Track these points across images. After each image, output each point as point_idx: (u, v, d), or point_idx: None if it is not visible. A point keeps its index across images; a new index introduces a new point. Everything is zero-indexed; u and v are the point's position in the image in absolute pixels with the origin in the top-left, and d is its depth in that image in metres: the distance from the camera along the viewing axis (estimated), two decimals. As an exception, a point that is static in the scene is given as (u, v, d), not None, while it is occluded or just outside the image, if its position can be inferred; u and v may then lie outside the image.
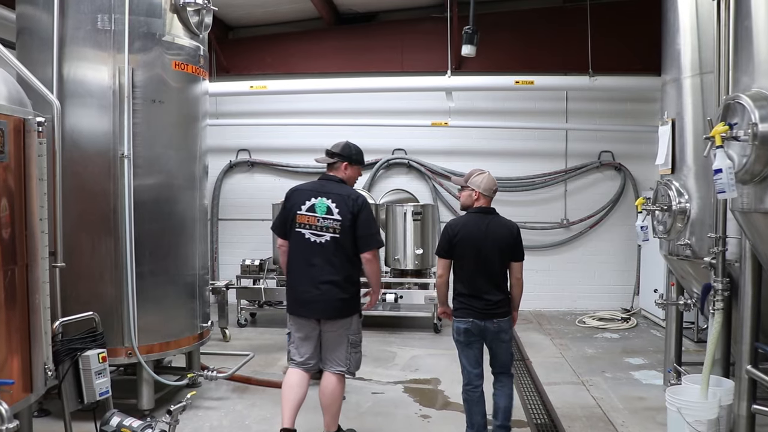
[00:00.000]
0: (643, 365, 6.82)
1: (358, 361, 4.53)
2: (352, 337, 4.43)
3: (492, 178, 4.51)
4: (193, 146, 5.31)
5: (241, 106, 10.08)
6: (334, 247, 4.29)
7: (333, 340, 4.40)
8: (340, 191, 4.38)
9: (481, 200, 4.46)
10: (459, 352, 4.52)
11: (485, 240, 4.35)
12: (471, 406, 4.47)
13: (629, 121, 9.70)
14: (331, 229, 4.29)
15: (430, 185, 9.96)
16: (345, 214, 4.27)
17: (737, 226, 4.66)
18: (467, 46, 7.62)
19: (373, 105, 9.82)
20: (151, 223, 4.89)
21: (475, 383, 4.45)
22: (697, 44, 5.19)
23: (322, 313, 4.34)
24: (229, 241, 10.36)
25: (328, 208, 4.30)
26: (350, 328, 4.41)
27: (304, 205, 4.38)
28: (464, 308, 4.38)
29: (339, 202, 4.31)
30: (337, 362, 4.40)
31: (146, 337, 4.86)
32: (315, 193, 4.39)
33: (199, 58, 5.24)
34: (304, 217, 4.36)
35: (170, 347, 5.08)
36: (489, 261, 4.35)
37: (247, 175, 10.35)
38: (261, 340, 7.82)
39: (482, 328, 4.34)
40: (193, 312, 5.37)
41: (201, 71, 5.30)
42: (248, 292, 8.50)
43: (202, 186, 5.46)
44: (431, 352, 7.35)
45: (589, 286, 9.82)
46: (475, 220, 4.44)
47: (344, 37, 9.86)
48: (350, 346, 4.42)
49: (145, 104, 4.79)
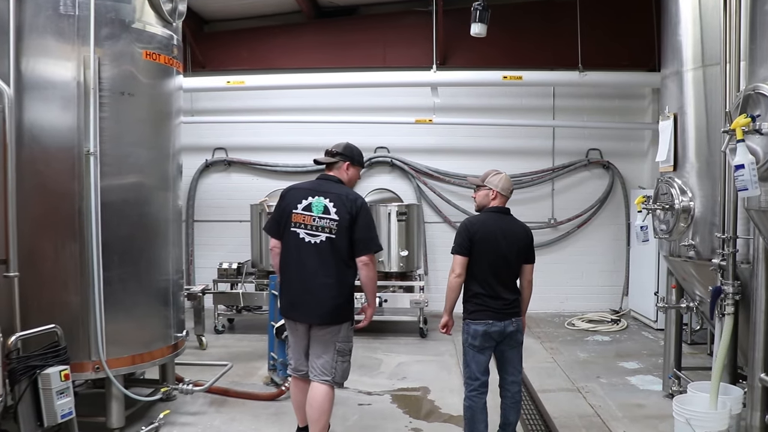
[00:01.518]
0: (638, 369, 6.58)
1: (345, 371, 4.28)
2: (340, 345, 4.20)
3: (509, 178, 4.45)
4: (166, 143, 4.94)
5: (217, 103, 9.69)
6: (329, 248, 4.11)
7: (320, 346, 4.19)
8: (339, 191, 4.21)
9: (498, 200, 4.38)
10: (468, 358, 4.29)
11: (505, 239, 4.26)
12: (475, 414, 4.25)
13: (617, 118, 9.50)
14: (327, 230, 4.11)
15: (413, 184, 9.65)
16: (343, 214, 4.10)
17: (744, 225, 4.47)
18: (478, 25, 7.21)
19: (354, 101, 9.49)
20: (120, 226, 4.52)
21: (481, 390, 4.27)
22: (700, 35, 4.96)
23: (312, 317, 4.16)
24: (205, 243, 9.95)
25: (325, 208, 4.12)
26: (338, 334, 4.19)
27: (300, 204, 4.20)
28: (482, 309, 4.23)
29: (337, 201, 4.13)
30: (323, 370, 4.18)
31: (115, 350, 4.49)
32: (312, 192, 4.21)
33: (173, 48, 4.87)
34: (299, 216, 4.18)
35: (142, 360, 4.71)
36: (508, 261, 4.27)
37: (223, 175, 9.95)
38: (239, 348, 7.46)
39: (501, 329, 4.22)
40: (167, 321, 5.00)
41: (174, 62, 4.94)
42: (226, 297, 8.12)
43: (175, 186, 5.09)
44: (418, 358, 7.05)
45: (577, 287, 9.59)
46: (494, 218, 4.34)
47: (324, 31, 9.52)
48: (337, 354, 4.19)
49: (113, 97, 4.42)
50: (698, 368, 6.11)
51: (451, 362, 6.88)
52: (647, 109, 9.42)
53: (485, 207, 4.43)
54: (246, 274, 8.39)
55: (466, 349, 4.31)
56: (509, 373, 4.39)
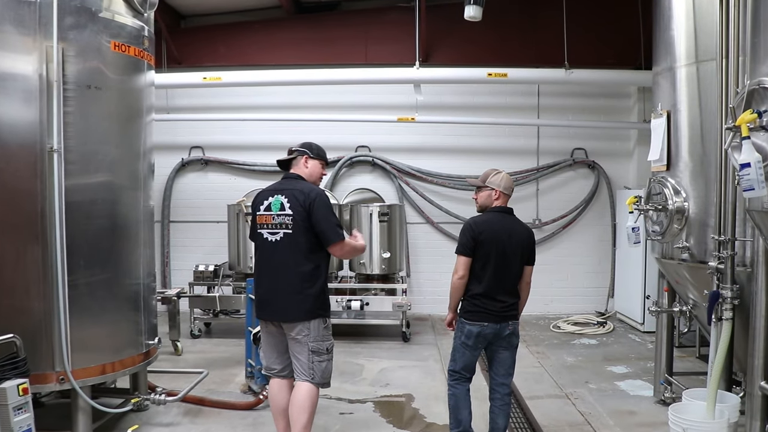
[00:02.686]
0: (627, 374, 6.42)
1: (324, 371, 4.13)
2: (313, 344, 4.06)
3: (509, 176, 4.40)
4: (136, 140, 4.68)
5: (193, 100, 9.40)
6: (288, 244, 4.06)
7: (295, 346, 4.10)
8: (295, 186, 4.14)
9: (500, 199, 4.33)
10: (458, 355, 4.29)
11: (509, 240, 4.18)
12: (459, 401, 4.27)
13: (602, 117, 9.37)
14: (283, 226, 4.07)
15: (395, 184, 9.44)
16: (296, 208, 4.04)
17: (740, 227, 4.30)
18: (473, 7, 6.80)
19: (335, 99, 9.27)
20: (86, 227, 4.25)
21: (466, 376, 4.31)
22: (693, 30, 4.80)
23: (278, 314, 4.10)
24: (181, 245, 9.66)
25: (281, 205, 4.09)
26: (309, 334, 4.05)
27: (262, 205, 4.19)
28: (479, 311, 4.17)
29: (290, 197, 4.09)
30: (301, 370, 4.09)
31: (82, 359, 4.22)
32: (273, 192, 4.18)
33: (143, 40, 4.60)
34: (262, 217, 4.16)
35: (111, 369, 4.43)
36: (511, 262, 4.20)
37: (200, 174, 9.66)
38: (216, 353, 7.19)
39: (497, 332, 4.18)
40: (138, 327, 4.74)
41: (145, 55, 4.67)
42: (202, 300, 7.84)
43: (147, 186, 4.83)
44: (401, 363, 6.83)
45: (563, 289, 9.44)
46: (498, 219, 4.26)
47: (305, 27, 9.26)
48: (312, 354, 4.06)
49: (78, 91, 4.14)
50: (689, 373, 5.97)
51: (436, 368, 6.67)
52: (633, 108, 9.30)
53: (487, 208, 4.34)
54: (223, 277, 8.11)
55: (457, 345, 4.28)
56: (499, 374, 4.33)
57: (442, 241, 9.41)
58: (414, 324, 8.44)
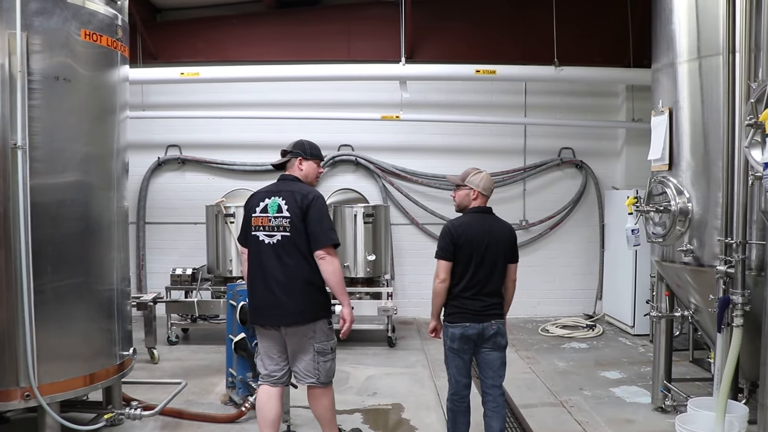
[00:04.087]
0: (621, 380, 6.23)
1: (330, 370, 4.12)
2: (318, 345, 4.03)
3: (490, 176, 4.31)
4: (109, 137, 4.38)
5: (170, 97, 9.06)
6: (286, 246, 3.98)
7: (297, 349, 4.05)
8: (293, 188, 4.07)
9: (479, 199, 4.24)
10: (448, 361, 4.21)
11: (489, 240, 4.10)
12: (457, 416, 4.20)
13: (590, 116, 9.20)
14: (281, 228, 3.99)
15: (379, 184, 9.19)
16: (293, 209, 3.97)
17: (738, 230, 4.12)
18: None
19: (317, 97, 8.99)
20: (54, 230, 3.95)
21: (462, 393, 4.18)
22: (696, 25, 4.61)
23: (278, 319, 4.01)
24: (158, 247, 9.31)
25: (278, 207, 4.01)
26: (315, 336, 4.01)
27: (258, 207, 4.10)
28: (460, 312, 4.10)
29: (288, 198, 4.02)
30: (306, 373, 4.06)
31: (50, 373, 3.92)
32: (269, 194, 4.10)
33: (117, 30, 4.30)
34: (258, 219, 4.07)
35: (82, 384, 4.13)
36: (493, 262, 4.11)
37: (177, 174, 9.32)
38: (195, 361, 6.88)
39: (480, 331, 4.08)
40: (111, 336, 4.44)
41: (119, 46, 4.37)
42: (179, 305, 7.51)
43: (120, 185, 4.53)
44: (388, 370, 6.58)
45: (550, 291, 9.26)
46: (477, 220, 4.17)
47: (286, 22, 8.95)
48: (317, 355, 4.03)
49: (45, 83, 3.83)
50: (686, 379, 5.81)
51: (424, 374, 6.43)
52: (621, 107, 9.13)
53: (466, 207, 4.27)
54: (201, 281, 7.79)
55: (446, 352, 4.22)
56: (488, 377, 4.22)
57: (427, 243, 9.17)
58: (399, 328, 8.19)
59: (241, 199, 8.35)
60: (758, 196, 3.94)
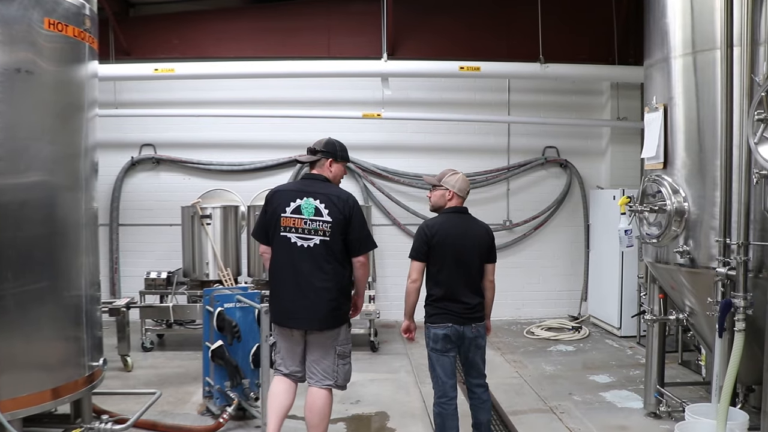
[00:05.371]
0: (611, 384, 6.08)
1: (347, 373, 4.20)
2: (340, 348, 4.10)
3: (466, 178, 4.34)
4: (76, 136, 4.09)
5: (144, 95, 8.77)
6: (324, 251, 3.97)
7: (319, 351, 4.07)
8: (328, 191, 4.05)
9: (454, 200, 4.25)
10: (433, 362, 4.19)
11: (465, 241, 4.13)
12: (446, 420, 4.13)
13: (574, 114, 9.08)
14: (320, 232, 3.97)
15: (360, 184, 8.98)
16: (336, 215, 3.96)
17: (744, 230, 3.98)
18: None
19: (296, 94, 8.75)
20: (15, 233, 3.65)
21: (450, 395, 4.14)
22: (690, 18, 4.46)
23: (310, 323, 4.02)
24: (132, 249, 9.00)
25: (316, 209, 3.97)
26: (338, 338, 4.08)
27: (288, 207, 4.03)
28: (442, 313, 4.11)
29: (328, 202, 3.98)
30: (324, 375, 4.08)
31: (11, 387, 3.63)
32: (300, 194, 4.04)
33: (84, 20, 4.02)
34: (289, 219, 4.01)
35: (48, 398, 3.84)
36: (469, 263, 4.13)
37: (152, 174, 9.02)
38: (170, 368, 6.61)
39: (461, 334, 4.10)
40: (79, 345, 4.15)
41: (87, 37, 4.09)
42: (154, 310, 7.23)
43: (89, 186, 4.25)
44: (371, 376, 6.37)
45: (534, 293, 9.11)
46: (452, 220, 4.20)
47: (264, 17, 8.72)
48: (338, 358, 4.09)
49: (5, 75, 3.54)
50: (678, 383, 5.66)
51: (409, 381, 6.23)
52: (605, 105, 9.01)
53: (441, 208, 4.29)
54: (177, 284, 7.53)
55: (429, 354, 4.21)
56: (474, 376, 4.26)
57: (409, 244, 8.82)
58: (381, 332, 7.99)
59: (217, 200, 8.15)
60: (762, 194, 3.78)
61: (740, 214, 3.79)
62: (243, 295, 5.16)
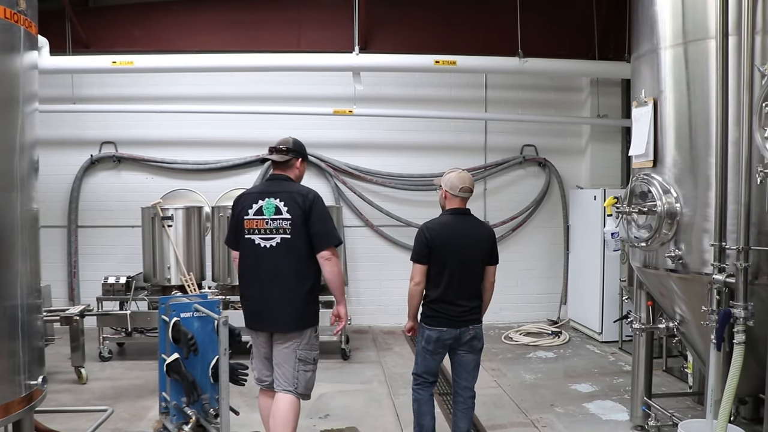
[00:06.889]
0: (594, 394, 5.80)
1: (309, 381, 4.01)
2: (301, 353, 3.92)
3: (463, 175, 4.16)
4: (9, 131, 3.67)
5: (105, 90, 8.34)
6: (285, 250, 3.88)
7: (281, 354, 3.95)
8: (290, 189, 3.98)
9: (452, 200, 4.14)
10: (419, 358, 4.18)
11: (466, 242, 4.04)
12: (421, 406, 4.17)
13: (553, 112, 8.82)
14: (281, 230, 3.89)
15: (331, 184, 8.62)
16: (295, 211, 3.87)
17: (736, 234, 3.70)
18: None
19: (264, 90, 8.39)
20: (-63, 240, 3.26)
21: (430, 380, 4.18)
22: (681, 7, 4.17)
23: (274, 325, 3.94)
24: (93, 252, 8.55)
25: (276, 208, 3.90)
26: (300, 342, 3.92)
27: (251, 209, 3.96)
28: (438, 316, 4.05)
29: (288, 200, 3.90)
30: (284, 380, 3.93)
31: (-68, 412, 3.23)
32: (263, 195, 3.98)
33: (18, 1, 3.63)
34: (252, 221, 3.95)
35: (-25, 422, 3.45)
36: (470, 265, 4.05)
37: (113, 173, 8.57)
38: (128, 380, 6.20)
39: (457, 336, 4.05)
40: (14, 362, 3.73)
41: (23, 20, 3.69)
42: (112, 318, 6.79)
43: (27, 186, 3.83)
44: (342, 387, 6.01)
45: (512, 296, 8.79)
46: (453, 221, 4.10)
47: (230, 9, 8.31)
48: (298, 362, 3.92)
49: None
50: (665, 394, 5.40)
51: (382, 392, 5.88)
52: (585, 102, 8.77)
53: (443, 208, 4.22)
54: (137, 290, 7.09)
55: (419, 350, 4.18)
56: (462, 377, 4.19)
57: (383, 246, 8.67)
58: (354, 338, 7.66)
59: (181, 200, 7.72)
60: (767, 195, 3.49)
61: (740, 216, 3.50)
62: (202, 303, 4.74)
